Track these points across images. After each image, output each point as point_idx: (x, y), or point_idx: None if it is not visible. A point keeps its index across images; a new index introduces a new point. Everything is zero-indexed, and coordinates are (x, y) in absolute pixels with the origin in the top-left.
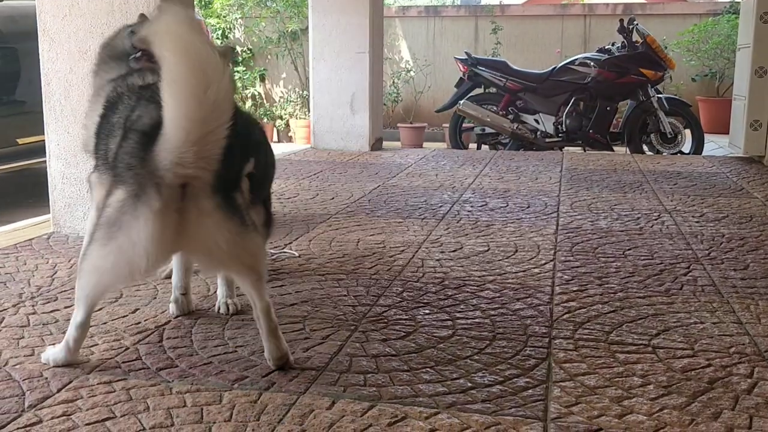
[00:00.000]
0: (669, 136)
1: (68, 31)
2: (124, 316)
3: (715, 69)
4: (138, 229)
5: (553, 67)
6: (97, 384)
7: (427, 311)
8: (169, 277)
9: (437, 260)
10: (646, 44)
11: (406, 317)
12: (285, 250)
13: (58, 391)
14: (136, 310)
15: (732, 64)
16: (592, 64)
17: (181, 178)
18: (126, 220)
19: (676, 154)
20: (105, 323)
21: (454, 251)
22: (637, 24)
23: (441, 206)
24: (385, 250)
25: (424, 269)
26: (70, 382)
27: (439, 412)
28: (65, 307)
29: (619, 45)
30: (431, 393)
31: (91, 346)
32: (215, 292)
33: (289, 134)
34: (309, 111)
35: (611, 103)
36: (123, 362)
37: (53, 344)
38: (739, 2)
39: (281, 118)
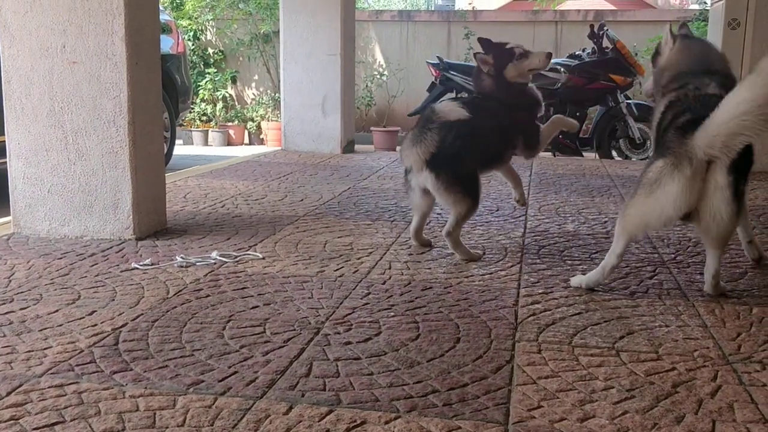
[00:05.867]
0: (638, 141)
1: (30, 28)
2: (80, 318)
3: None
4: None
5: None
6: (48, 387)
7: (391, 314)
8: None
9: (404, 262)
10: (615, 50)
11: (371, 320)
12: (249, 252)
13: (7, 394)
14: (93, 312)
15: None
16: (562, 69)
17: (708, 156)
18: (664, 181)
19: (644, 159)
20: (60, 325)
21: (421, 254)
22: (607, 30)
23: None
24: (352, 252)
25: (391, 272)
26: (20, 386)
27: (399, 416)
28: (21, 309)
29: (590, 51)
30: (391, 397)
31: (45, 349)
32: (182, 290)
33: (261, 136)
34: (281, 113)
35: (581, 108)
36: (76, 365)
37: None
38: (708, 9)
39: (253, 120)
